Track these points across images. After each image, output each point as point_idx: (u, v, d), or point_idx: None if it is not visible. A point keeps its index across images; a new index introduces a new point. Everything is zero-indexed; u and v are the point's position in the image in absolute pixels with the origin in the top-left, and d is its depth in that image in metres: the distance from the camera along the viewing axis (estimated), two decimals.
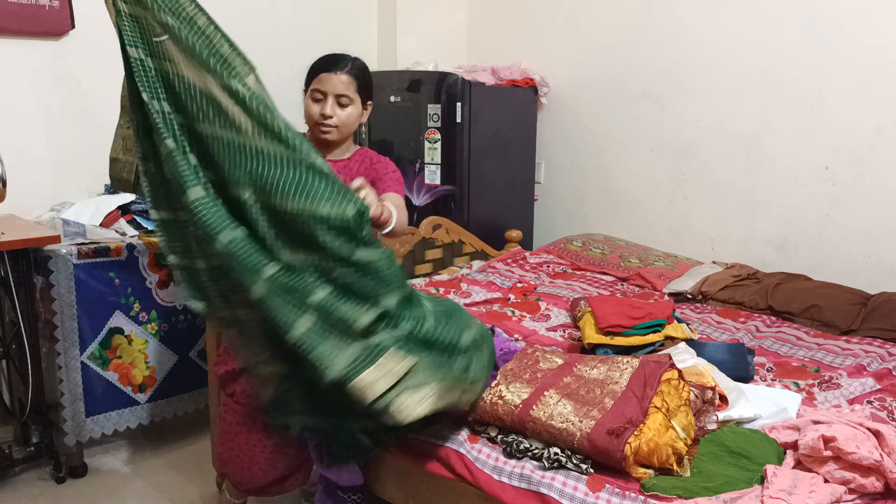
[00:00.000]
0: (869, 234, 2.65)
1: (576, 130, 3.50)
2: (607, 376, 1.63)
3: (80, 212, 2.57)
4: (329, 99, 1.95)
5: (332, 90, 1.95)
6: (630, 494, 1.37)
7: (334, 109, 1.96)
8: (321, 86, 1.95)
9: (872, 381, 1.88)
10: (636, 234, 3.31)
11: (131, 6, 1.49)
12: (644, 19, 3.17)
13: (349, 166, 2.08)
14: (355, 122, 2.03)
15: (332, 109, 1.96)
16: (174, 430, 2.74)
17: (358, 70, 2.00)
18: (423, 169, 3.26)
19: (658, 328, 2.00)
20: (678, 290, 2.67)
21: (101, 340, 2.39)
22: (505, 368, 1.73)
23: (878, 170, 2.60)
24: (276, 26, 3.30)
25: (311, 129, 2.03)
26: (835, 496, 1.30)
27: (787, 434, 1.51)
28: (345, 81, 1.96)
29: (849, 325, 2.30)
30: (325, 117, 1.96)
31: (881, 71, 2.55)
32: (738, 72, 2.90)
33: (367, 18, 3.68)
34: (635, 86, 3.24)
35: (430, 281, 2.76)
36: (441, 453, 1.60)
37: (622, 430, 1.42)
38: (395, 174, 2.11)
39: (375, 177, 2.08)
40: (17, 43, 2.58)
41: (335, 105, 1.96)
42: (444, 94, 3.16)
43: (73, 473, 2.44)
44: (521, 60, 3.54)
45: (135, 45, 1.48)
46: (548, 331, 2.29)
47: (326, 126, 1.97)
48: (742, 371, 1.87)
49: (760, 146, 2.89)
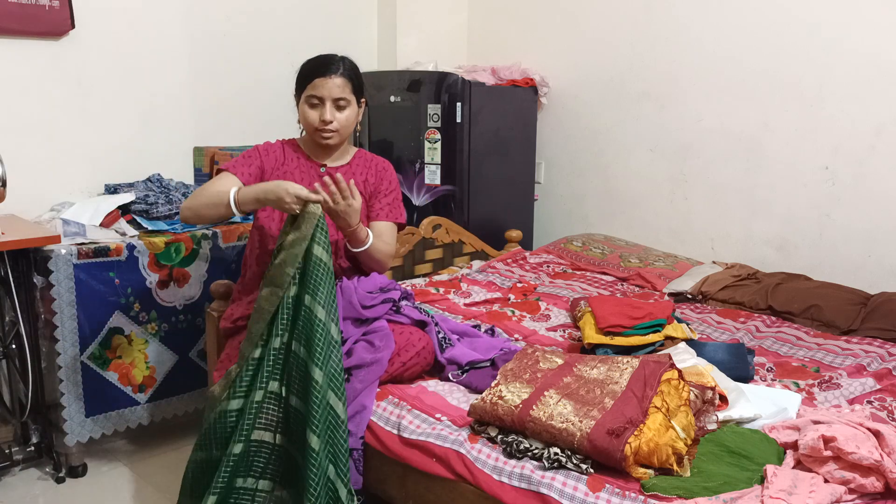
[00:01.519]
0: (869, 234, 2.65)
1: (576, 130, 3.50)
2: (607, 376, 1.63)
3: (80, 212, 2.57)
4: (327, 104, 1.94)
5: (328, 95, 1.94)
6: (630, 494, 1.37)
7: (334, 114, 1.95)
8: (317, 91, 1.94)
9: (872, 381, 1.88)
10: (636, 234, 3.31)
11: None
12: (644, 19, 3.17)
13: (351, 170, 2.08)
14: (353, 123, 2.03)
15: (331, 114, 1.95)
16: (174, 430, 2.74)
17: (351, 70, 1.99)
18: (423, 169, 3.26)
19: (658, 328, 2.00)
20: (678, 290, 2.67)
21: (101, 340, 2.39)
22: (505, 368, 1.73)
23: (878, 170, 2.60)
24: (276, 26, 3.30)
25: (311, 134, 2.02)
26: (835, 496, 1.30)
27: (787, 434, 1.51)
28: (340, 84, 1.94)
29: (849, 325, 2.30)
30: (325, 123, 1.95)
31: (881, 71, 2.55)
32: (738, 72, 2.90)
33: (367, 18, 3.68)
34: (635, 86, 3.24)
35: (430, 281, 2.76)
36: (441, 453, 1.60)
37: (622, 430, 1.42)
38: (396, 193, 2.14)
39: (378, 189, 2.09)
40: (17, 43, 2.58)
41: (334, 109, 1.95)
42: (444, 94, 3.16)
43: (73, 473, 2.44)
44: (521, 60, 3.54)
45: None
46: (548, 331, 2.29)
47: (328, 132, 1.97)
48: (742, 371, 1.87)
49: (760, 146, 2.89)
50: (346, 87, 1.96)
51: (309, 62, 2.00)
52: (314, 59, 2.00)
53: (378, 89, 3.33)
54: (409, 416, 1.73)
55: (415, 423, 1.71)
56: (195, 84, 3.08)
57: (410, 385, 1.88)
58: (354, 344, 1.88)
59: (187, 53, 3.04)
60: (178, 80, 3.04)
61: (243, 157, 2.03)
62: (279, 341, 1.68)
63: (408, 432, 1.69)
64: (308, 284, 1.67)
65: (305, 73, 1.98)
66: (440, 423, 1.68)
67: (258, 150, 2.07)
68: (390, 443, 1.72)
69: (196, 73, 3.07)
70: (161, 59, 2.98)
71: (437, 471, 1.61)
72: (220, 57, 3.14)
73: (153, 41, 2.94)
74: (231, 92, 3.18)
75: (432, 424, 1.68)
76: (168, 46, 2.97)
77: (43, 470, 2.48)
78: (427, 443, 1.64)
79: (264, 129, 2.99)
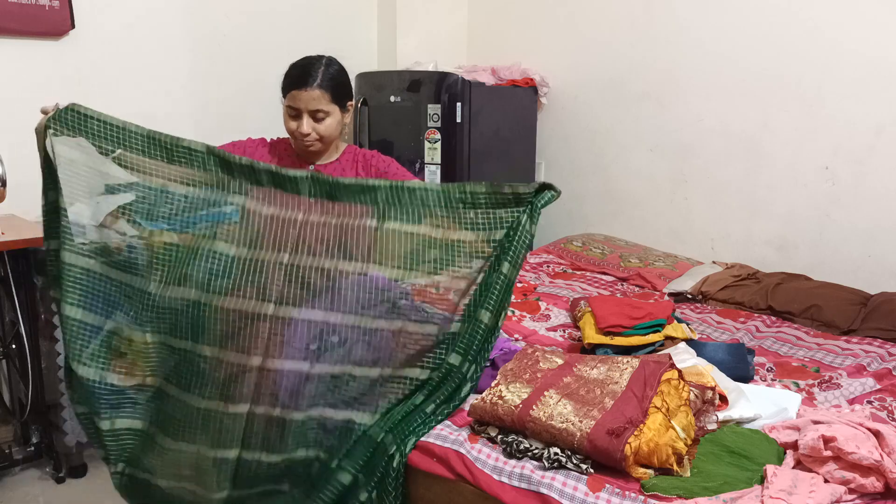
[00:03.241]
0: (869, 234, 2.65)
1: (576, 130, 3.50)
2: (607, 376, 1.63)
3: (80, 212, 2.56)
4: (304, 116, 1.92)
5: (304, 107, 1.91)
6: (630, 494, 1.37)
7: (311, 125, 1.93)
8: (294, 103, 1.91)
9: (872, 381, 1.88)
10: (636, 234, 3.31)
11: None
12: (644, 19, 3.17)
13: (341, 167, 2.07)
14: (337, 129, 2.00)
15: (308, 126, 1.93)
16: None
17: (329, 80, 1.92)
18: (423, 169, 3.26)
19: (658, 328, 1.99)
20: (678, 290, 2.67)
21: None
22: (505, 368, 1.72)
23: (878, 170, 2.60)
24: (276, 26, 3.30)
25: (294, 141, 2.01)
26: (835, 496, 1.29)
27: (787, 434, 1.51)
28: (316, 97, 1.90)
29: (849, 325, 2.30)
30: (303, 135, 1.94)
31: (881, 71, 2.55)
32: (738, 72, 2.90)
33: (367, 18, 3.68)
34: (635, 86, 3.24)
35: None
36: (441, 453, 1.60)
37: (622, 430, 1.42)
38: (395, 165, 2.09)
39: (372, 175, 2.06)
40: (17, 43, 2.58)
41: (310, 121, 1.93)
42: (444, 94, 3.16)
43: (73, 473, 2.44)
44: (521, 60, 3.54)
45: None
46: (548, 331, 2.29)
47: (307, 141, 1.96)
48: (742, 371, 1.87)
49: (760, 146, 2.88)
50: (324, 98, 1.91)
51: (290, 70, 1.95)
52: (295, 65, 1.95)
53: (378, 89, 3.33)
54: None
55: None
56: (195, 84, 3.08)
57: None
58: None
59: (187, 53, 3.04)
60: (177, 80, 3.04)
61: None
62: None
63: None
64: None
65: (285, 82, 1.94)
66: (440, 423, 1.68)
67: (236, 146, 2.03)
68: None
69: (196, 73, 3.07)
70: (161, 59, 2.98)
71: (437, 471, 1.61)
72: (220, 57, 3.14)
73: (153, 41, 2.94)
74: (231, 92, 3.18)
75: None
76: (168, 46, 2.97)
77: (43, 470, 2.48)
78: (427, 443, 1.64)
79: (264, 130, 2.97)
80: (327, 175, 1.66)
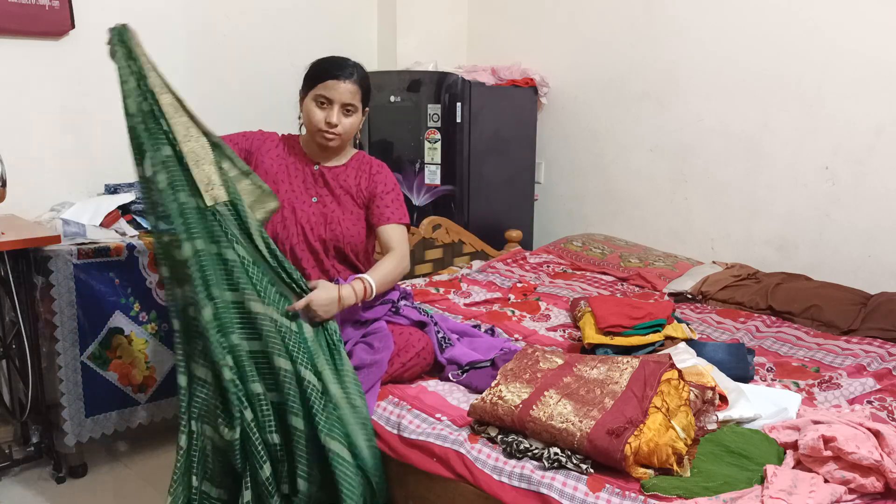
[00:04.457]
0: (869, 234, 2.65)
1: (576, 130, 3.50)
2: (607, 376, 1.63)
3: (80, 212, 2.57)
4: (335, 107, 1.93)
5: (339, 98, 1.92)
6: (630, 494, 1.37)
7: (340, 118, 1.94)
8: (328, 93, 1.92)
9: (872, 381, 1.88)
10: (636, 234, 3.31)
11: None
12: (644, 19, 3.17)
13: (346, 172, 2.07)
14: (357, 129, 2.02)
15: (338, 118, 1.94)
16: (174, 431, 2.72)
17: (362, 78, 1.98)
18: (423, 169, 3.26)
19: (658, 328, 2.00)
20: (678, 290, 2.67)
21: (101, 340, 2.39)
22: (505, 368, 1.73)
23: (878, 170, 2.60)
24: (276, 26, 3.30)
25: (312, 134, 2.00)
26: (835, 496, 1.30)
27: (787, 434, 1.51)
28: (352, 91, 1.93)
29: (849, 325, 2.30)
30: (331, 126, 1.94)
31: (881, 71, 2.55)
32: (738, 72, 2.90)
33: (367, 18, 3.68)
34: (635, 86, 3.24)
35: (430, 281, 2.76)
36: (441, 453, 1.60)
37: (622, 430, 1.42)
38: (395, 193, 2.07)
39: (373, 192, 2.06)
40: (17, 43, 2.58)
41: (341, 114, 1.94)
42: (444, 94, 3.16)
43: (73, 473, 2.44)
44: (521, 60, 3.54)
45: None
46: (548, 331, 2.29)
47: (331, 134, 1.96)
48: (742, 371, 1.87)
49: (760, 146, 2.89)
50: (357, 94, 1.95)
51: (323, 61, 1.97)
52: (329, 59, 1.97)
53: (378, 89, 3.32)
54: (409, 415, 1.73)
55: (415, 422, 1.71)
56: (195, 83, 3.07)
57: (410, 385, 1.88)
58: (354, 346, 1.88)
59: (187, 53, 3.04)
60: (177, 79, 3.03)
61: (229, 140, 1.99)
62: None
63: (408, 432, 1.69)
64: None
65: (318, 71, 1.95)
66: (440, 423, 1.68)
67: (246, 136, 2.05)
68: (391, 443, 1.72)
69: (196, 72, 3.07)
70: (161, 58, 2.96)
71: (437, 471, 1.61)
72: (220, 56, 3.14)
73: (153, 41, 2.92)
74: (231, 92, 3.17)
75: (432, 424, 1.68)
76: (168, 46, 2.97)
77: (43, 470, 2.48)
78: (427, 443, 1.64)
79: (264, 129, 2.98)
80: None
